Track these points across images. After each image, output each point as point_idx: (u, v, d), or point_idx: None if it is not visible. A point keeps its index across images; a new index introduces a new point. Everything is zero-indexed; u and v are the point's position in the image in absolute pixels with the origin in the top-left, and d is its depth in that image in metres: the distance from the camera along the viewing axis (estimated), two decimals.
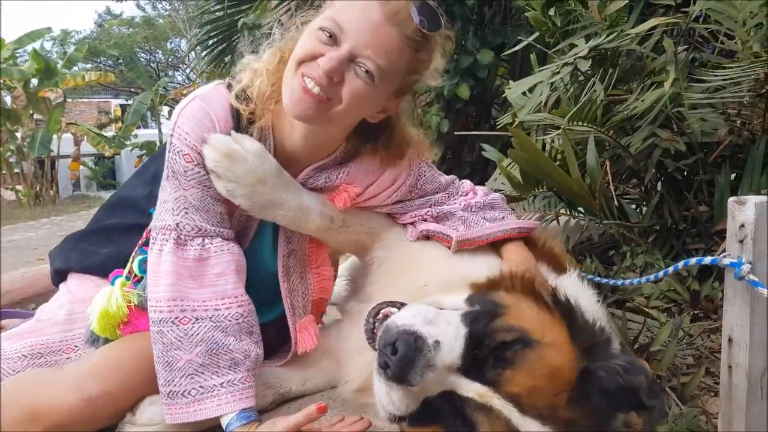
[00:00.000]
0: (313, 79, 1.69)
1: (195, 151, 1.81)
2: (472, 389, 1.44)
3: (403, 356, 1.40)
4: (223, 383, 1.74)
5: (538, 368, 1.44)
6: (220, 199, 1.87)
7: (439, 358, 1.42)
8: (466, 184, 2.26)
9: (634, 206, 3.57)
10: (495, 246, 2.06)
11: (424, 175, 2.10)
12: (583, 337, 1.54)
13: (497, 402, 1.42)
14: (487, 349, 1.47)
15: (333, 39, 1.68)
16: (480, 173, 5.51)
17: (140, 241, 1.98)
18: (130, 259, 1.97)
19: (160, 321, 1.75)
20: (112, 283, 1.95)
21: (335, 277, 2.34)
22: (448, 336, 1.46)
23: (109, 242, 2.09)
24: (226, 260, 1.83)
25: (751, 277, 1.51)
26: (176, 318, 1.75)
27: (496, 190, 2.66)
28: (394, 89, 1.83)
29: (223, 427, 1.72)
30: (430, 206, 2.11)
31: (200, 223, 1.82)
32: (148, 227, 1.95)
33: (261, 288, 2.02)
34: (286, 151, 1.93)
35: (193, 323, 1.75)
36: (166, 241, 1.80)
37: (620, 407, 1.49)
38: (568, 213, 3.55)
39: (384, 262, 2.10)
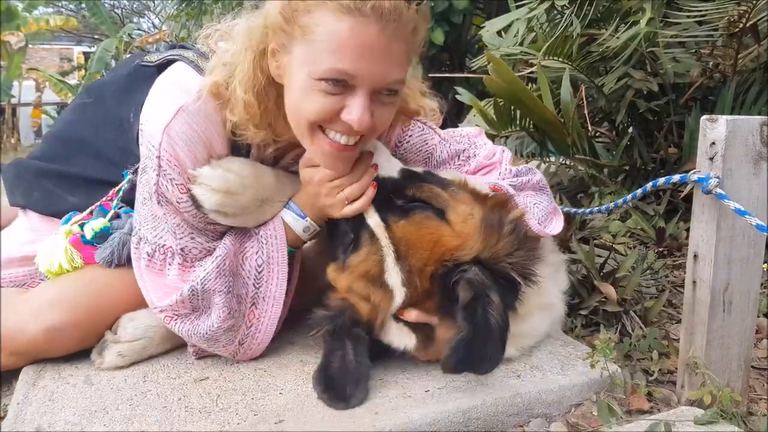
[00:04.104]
0: (343, 133, 1.52)
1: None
2: (374, 218, 1.61)
3: None
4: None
5: (424, 231, 1.56)
6: None
7: None
8: (474, 162, 1.94)
9: (606, 150, 3.61)
10: None
11: (408, 141, 1.87)
12: (488, 249, 1.54)
13: (385, 240, 1.58)
14: (401, 197, 1.62)
15: (343, 84, 1.45)
16: (452, 122, 5.49)
17: (104, 198, 1.87)
18: (88, 210, 1.87)
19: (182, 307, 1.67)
20: (66, 222, 1.85)
21: None
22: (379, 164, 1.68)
23: (76, 192, 1.92)
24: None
25: (718, 190, 1.52)
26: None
27: None
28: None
29: (300, 232, 1.73)
30: None
31: (207, 243, 1.70)
32: (115, 189, 1.85)
33: None
34: (284, 137, 1.72)
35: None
36: (170, 264, 1.68)
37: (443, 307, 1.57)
38: (539, 156, 3.58)
39: None
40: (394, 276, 1.56)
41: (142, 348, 1.76)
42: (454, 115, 5.61)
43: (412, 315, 1.58)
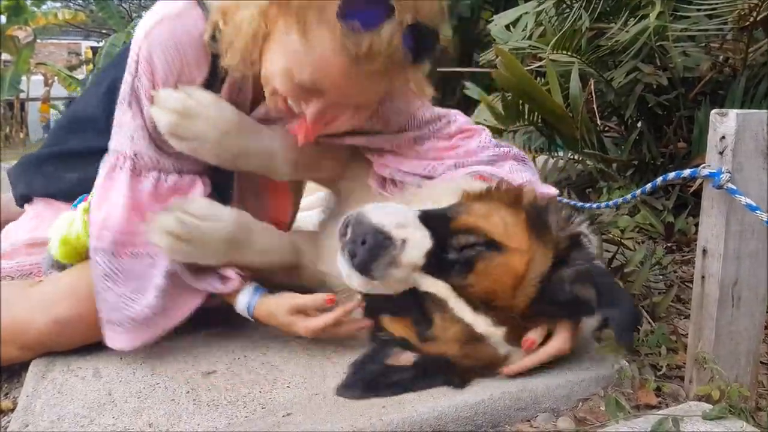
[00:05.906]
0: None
1: None
2: (433, 288, 1.50)
3: (370, 248, 1.45)
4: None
5: (499, 274, 1.49)
6: None
7: (405, 256, 1.46)
8: (455, 125, 1.95)
9: (614, 145, 3.59)
10: None
11: (390, 100, 1.85)
12: (553, 244, 1.54)
13: (453, 302, 1.49)
14: (454, 252, 1.52)
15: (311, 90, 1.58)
16: None
17: None
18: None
19: (95, 249, 1.66)
20: (75, 206, 1.83)
21: (297, 202, 2.24)
22: (416, 237, 1.50)
23: (74, 167, 1.94)
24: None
25: (730, 185, 1.51)
26: (114, 251, 1.67)
27: None
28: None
29: (245, 309, 1.73)
30: (393, 147, 1.91)
31: (159, 156, 1.73)
32: None
33: None
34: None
35: (131, 258, 1.68)
36: (121, 168, 1.71)
37: (569, 315, 1.57)
38: (548, 151, 3.57)
39: (352, 191, 2.04)
40: (482, 325, 1.50)
41: None
42: (462, 110, 5.60)
43: (528, 342, 1.55)
